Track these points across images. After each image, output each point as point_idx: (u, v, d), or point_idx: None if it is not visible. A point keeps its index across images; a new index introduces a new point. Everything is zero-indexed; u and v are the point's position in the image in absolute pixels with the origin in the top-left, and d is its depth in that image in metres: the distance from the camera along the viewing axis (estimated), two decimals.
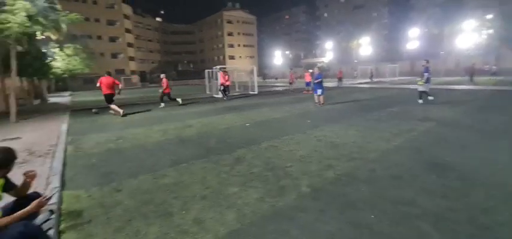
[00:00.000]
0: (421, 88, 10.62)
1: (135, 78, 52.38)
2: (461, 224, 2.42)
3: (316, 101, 11.10)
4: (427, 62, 10.82)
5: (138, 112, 11.27)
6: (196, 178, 3.79)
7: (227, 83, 15.90)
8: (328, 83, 28.14)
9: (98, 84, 10.43)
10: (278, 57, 68.70)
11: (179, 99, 13.45)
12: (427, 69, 10.52)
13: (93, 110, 11.43)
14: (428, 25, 50.11)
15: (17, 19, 7.71)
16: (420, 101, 10.50)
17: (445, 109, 8.91)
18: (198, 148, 5.34)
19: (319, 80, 10.90)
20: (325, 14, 74.12)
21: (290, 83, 20.44)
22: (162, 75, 13.13)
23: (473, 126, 6.42)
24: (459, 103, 10.32)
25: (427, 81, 10.55)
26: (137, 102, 16.35)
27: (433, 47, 46.87)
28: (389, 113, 8.56)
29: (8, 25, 7.68)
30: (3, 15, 7.62)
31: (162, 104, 12.87)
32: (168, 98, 13.04)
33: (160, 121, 8.88)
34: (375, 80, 31.40)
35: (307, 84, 18.64)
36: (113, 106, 10.34)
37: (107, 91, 10.27)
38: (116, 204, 3.07)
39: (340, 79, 24.44)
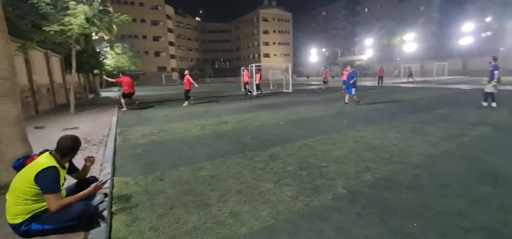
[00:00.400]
0: (489, 89, 9.09)
1: (175, 76, 55.27)
2: None
3: (347, 101, 10.71)
4: (495, 59, 9.14)
5: (176, 107, 11.93)
6: (232, 172, 3.92)
7: (245, 80, 16.99)
8: (366, 82, 26.81)
9: (114, 81, 12.27)
10: (313, 55, 67.14)
11: (190, 101, 13.19)
12: (496, 67, 8.93)
13: (136, 103, 12.48)
14: (486, 19, 44.77)
15: (77, 21, 8.65)
16: (484, 103, 9.20)
17: (503, 113, 7.94)
18: (234, 144, 5.50)
19: (354, 79, 10.47)
20: (366, 9, 70.36)
21: (324, 82, 19.36)
22: (186, 72, 12.93)
23: None
24: None
25: (499, 81, 8.98)
26: (176, 98, 17.26)
27: (491, 43, 41.77)
28: (436, 116, 7.89)
29: (70, 27, 8.65)
30: (67, 18, 8.60)
31: (186, 103, 12.67)
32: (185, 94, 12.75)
33: (198, 116, 9.29)
34: (417, 79, 29.08)
35: (345, 82, 18.10)
36: (122, 100, 11.46)
37: (128, 90, 11.48)
38: (159, 192, 3.31)
39: (381, 78, 23.02)
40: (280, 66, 46.94)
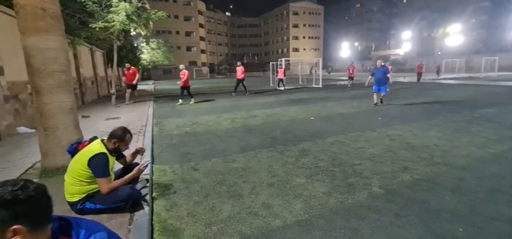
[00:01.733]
0: None
1: (205, 70, 56.78)
2: None
3: (376, 101, 9.31)
4: None
5: (207, 101, 12.28)
6: (263, 165, 3.96)
7: (280, 77, 17.43)
8: (401, 78, 25.24)
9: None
10: (345, 49, 64.64)
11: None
12: None
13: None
14: None
15: (119, 18, 9.25)
16: None
17: None
18: (264, 138, 5.54)
19: (388, 74, 9.24)
20: (404, 0, 65.93)
21: (350, 78, 17.10)
22: (182, 66, 11.70)
23: None
24: None
25: None
26: (208, 91, 17.75)
27: None
28: (483, 115, 7.23)
29: (113, 23, 9.28)
30: (110, 15, 9.23)
31: (180, 100, 11.39)
32: (187, 92, 11.47)
33: (228, 110, 9.49)
34: (462, 75, 26.76)
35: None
36: (127, 93, 11.68)
37: (129, 81, 11.93)
38: (194, 181, 3.47)
39: (419, 74, 21.49)
40: (309, 61, 45.94)
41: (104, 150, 2.45)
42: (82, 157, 2.42)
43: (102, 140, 2.56)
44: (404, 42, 57.94)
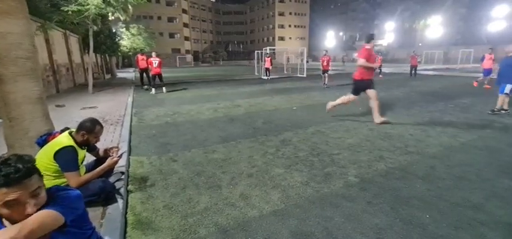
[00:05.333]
0: None
1: (189, 58, 55.48)
2: None
3: (502, 106, 6.60)
4: None
5: (184, 89, 12.03)
6: (243, 156, 3.96)
7: (267, 66, 16.56)
8: (384, 69, 25.86)
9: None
10: (330, 38, 65.10)
11: (155, 90, 10.91)
12: None
13: (145, 87, 12.23)
14: None
15: (94, 1, 8.74)
16: None
17: None
18: (246, 128, 5.52)
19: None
20: None
21: (325, 72, 12.94)
22: (153, 54, 11.12)
23: None
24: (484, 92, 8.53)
25: None
26: (191, 80, 17.40)
27: None
28: (457, 105, 7.56)
29: (87, 6, 8.77)
30: None
31: (153, 90, 10.73)
32: (159, 80, 10.87)
33: (210, 99, 9.36)
34: (440, 67, 27.69)
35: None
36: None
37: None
38: (172, 172, 3.41)
39: (414, 68, 17.40)
40: (295, 50, 45.99)
41: (72, 143, 2.34)
42: (48, 150, 2.30)
43: (70, 133, 2.44)
44: (388, 32, 59.10)
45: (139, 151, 4.19)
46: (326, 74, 12.78)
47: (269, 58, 16.79)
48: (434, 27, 50.07)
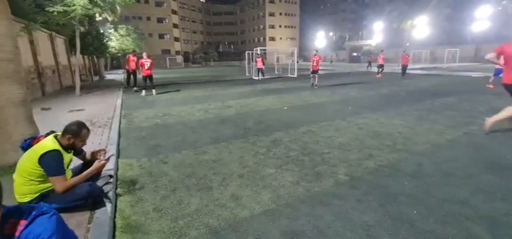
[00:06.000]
0: None
1: (179, 59, 54.97)
2: None
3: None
4: None
5: (177, 91, 11.92)
6: (234, 156, 3.94)
7: (259, 66, 16.71)
8: (373, 68, 26.29)
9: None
10: (320, 39, 65.72)
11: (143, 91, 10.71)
12: None
13: (134, 89, 12.03)
14: (503, 2, 42.83)
15: (80, 2, 8.55)
16: None
17: None
18: (237, 128, 5.51)
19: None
20: None
21: (314, 72, 12.60)
22: (144, 55, 10.96)
23: None
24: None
25: None
26: (182, 81, 17.25)
27: (507, 29, 40.18)
28: (443, 103, 7.76)
29: (73, 7, 8.57)
30: None
31: (143, 92, 10.56)
32: (150, 82, 10.70)
33: (202, 100, 9.30)
34: (427, 66, 28.29)
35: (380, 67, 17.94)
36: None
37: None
38: (163, 174, 3.36)
39: (404, 67, 16.97)
40: (285, 50, 46.22)
41: (57, 147, 2.27)
42: (32, 154, 2.23)
43: (56, 136, 2.37)
44: (376, 33, 60.08)
45: (129, 154, 4.12)
46: (316, 75, 12.54)
47: (260, 58, 16.81)
48: (421, 27, 51.17)
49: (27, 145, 2.51)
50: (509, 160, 3.62)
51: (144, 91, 10.63)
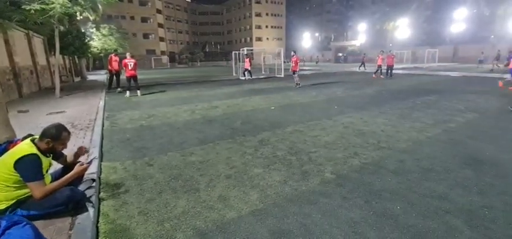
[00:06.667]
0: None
1: (165, 59, 53.99)
2: (497, 224, 2.28)
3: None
4: None
5: (161, 91, 11.73)
6: (221, 157, 3.92)
7: (247, 66, 16.60)
8: (356, 68, 26.91)
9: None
10: (306, 39, 66.50)
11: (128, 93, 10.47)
12: None
13: (118, 90, 11.70)
14: (479, 5, 44.90)
15: (59, 0, 8.23)
16: None
17: (490, 100, 8.16)
18: (224, 129, 5.48)
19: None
20: None
21: (293, 72, 12.99)
22: (128, 55, 10.74)
23: None
24: (507, 94, 9.37)
25: None
26: (168, 82, 16.96)
27: (482, 30, 42.16)
28: (424, 102, 8.04)
29: (52, 6, 8.24)
30: None
31: (128, 93, 10.32)
32: (134, 82, 10.45)
33: (188, 101, 9.18)
34: (409, 66, 29.15)
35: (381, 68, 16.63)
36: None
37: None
38: (148, 177, 3.30)
39: (390, 68, 16.55)
40: (272, 50, 46.45)
41: (34, 151, 2.17)
42: (7, 159, 2.12)
43: (33, 140, 2.27)
44: (360, 33, 61.46)
45: (112, 157, 4.01)
46: (296, 74, 12.83)
47: (248, 59, 16.81)
48: (403, 28, 52.82)
49: (2, 150, 2.40)
50: (485, 154, 3.80)
51: (128, 92, 10.38)
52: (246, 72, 16.81)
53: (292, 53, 13.37)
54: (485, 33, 40.67)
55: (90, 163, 2.71)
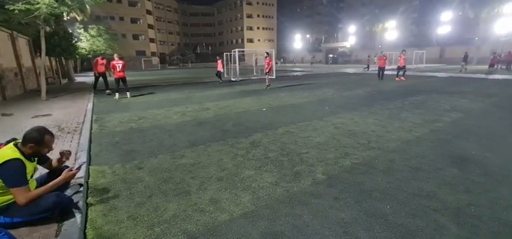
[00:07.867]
0: None
1: (155, 60, 53.34)
2: (483, 221, 2.34)
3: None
4: None
5: (150, 93, 11.58)
6: (213, 159, 3.89)
7: (219, 69, 16.24)
8: (348, 69, 27.28)
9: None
10: (298, 40, 66.99)
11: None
12: None
13: (107, 92, 11.47)
14: (464, 8, 46.22)
15: (45, 0, 8.02)
16: None
17: (475, 100, 8.40)
18: (215, 131, 5.44)
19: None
20: None
21: (267, 72, 13.04)
22: (116, 56, 10.60)
23: (504, 118, 6.03)
24: (491, 94, 9.67)
25: None
26: (158, 84, 16.75)
27: (467, 32, 43.41)
28: (412, 102, 8.21)
29: (37, 6, 8.02)
30: None
31: (117, 95, 10.20)
32: (123, 84, 10.41)
33: (178, 103, 9.09)
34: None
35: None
36: None
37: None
38: (138, 181, 3.24)
39: (381, 69, 16.22)
40: (264, 51, 46.52)
41: (17, 155, 2.10)
42: None
43: (16, 144, 2.19)
44: (350, 35, 62.31)
45: (101, 160, 3.92)
46: (267, 76, 13.04)
47: (220, 60, 16.30)
48: (391, 30, 53.87)
49: None
50: (471, 153, 3.90)
51: (117, 94, 10.19)
52: (219, 75, 16.25)
53: (266, 54, 13.37)
54: (470, 35, 41.88)
55: (79, 168, 2.64)
